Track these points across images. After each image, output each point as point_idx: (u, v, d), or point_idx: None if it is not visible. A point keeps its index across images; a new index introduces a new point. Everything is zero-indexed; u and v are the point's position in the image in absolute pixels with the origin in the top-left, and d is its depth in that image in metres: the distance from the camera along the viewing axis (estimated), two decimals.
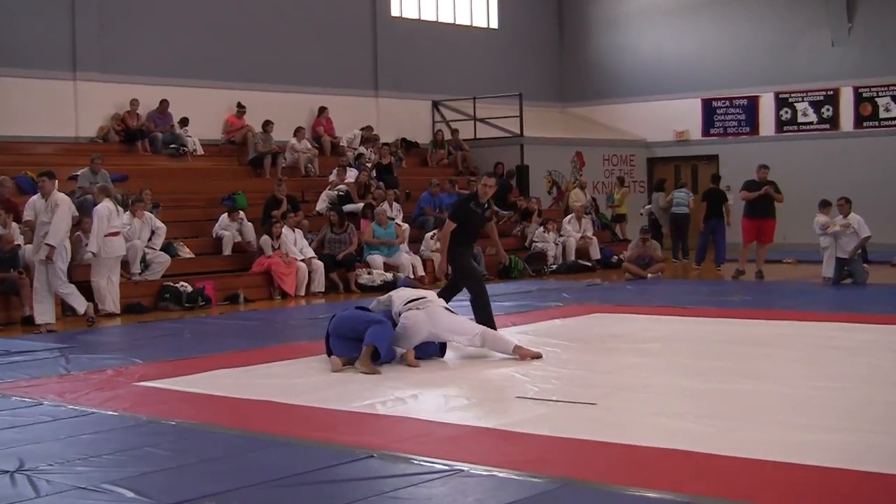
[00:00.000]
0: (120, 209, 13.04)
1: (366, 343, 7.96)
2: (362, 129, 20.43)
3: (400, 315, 8.28)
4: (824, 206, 15.00)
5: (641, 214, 21.19)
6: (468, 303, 9.37)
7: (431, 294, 8.63)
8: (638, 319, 11.02)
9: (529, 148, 21.79)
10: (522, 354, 8.31)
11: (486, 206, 9.54)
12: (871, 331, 9.57)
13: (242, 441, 5.78)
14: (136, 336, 10.77)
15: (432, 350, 8.28)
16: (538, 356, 8.27)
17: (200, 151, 18.26)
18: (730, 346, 8.87)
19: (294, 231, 15.40)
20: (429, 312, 8.30)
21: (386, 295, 8.69)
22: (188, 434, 6.01)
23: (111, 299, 12.65)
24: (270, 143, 18.48)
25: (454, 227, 9.39)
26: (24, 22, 16.83)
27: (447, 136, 22.12)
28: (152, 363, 8.71)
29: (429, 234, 17.22)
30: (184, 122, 18.20)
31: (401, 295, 8.63)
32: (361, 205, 17.48)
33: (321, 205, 17.55)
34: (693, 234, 19.80)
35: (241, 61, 19.34)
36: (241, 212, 15.84)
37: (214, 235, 15.65)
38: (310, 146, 19.41)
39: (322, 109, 20.21)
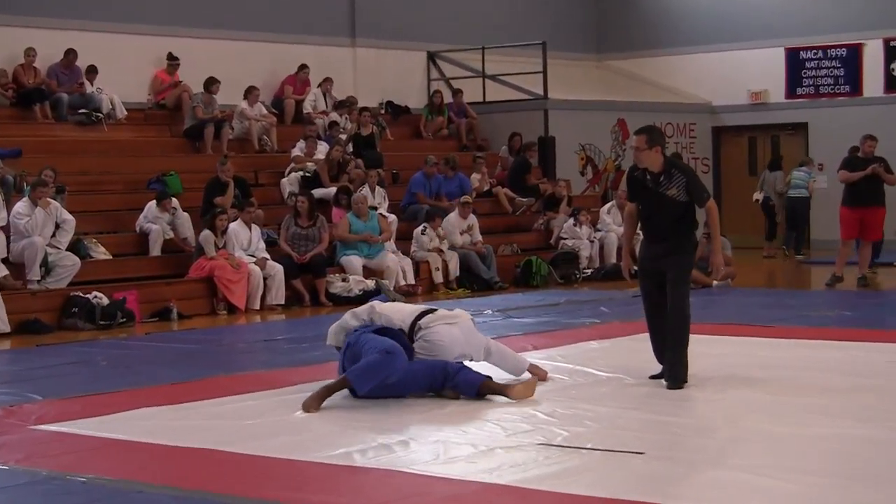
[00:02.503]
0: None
1: (347, 374, 8.00)
2: (321, 85, 20.40)
3: (419, 332, 8.36)
4: None
5: (757, 201, 21.35)
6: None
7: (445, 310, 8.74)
8: (700, 342, 10.94)
9: (556, 114, 21.81)
10: (540, 376, 8.40)
11: (659, 176, 8.64)
12: None
13: None
14: (32, 363, 10.73)
15: (426, 383, 8.26)
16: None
17: (122, 114, 18.22)
18: (823, 378, 8.85)
19: (250, 228, 15.40)
20: (464, 329, 8.48)
21: (365, 306, 8.68)
22: (103, 495, 5.96)
23: None
24: (213, 108, 18.49)
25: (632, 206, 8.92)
26: None
27: (447, 98, 22.13)
28: (55, 400, 8.67)
29: (419, 230, 17.23)
30: (91, 70, 18.02)
31: (398, 308, 8.65)
32: (334, 189, 17.48)
33: (288, 189, 17.55)
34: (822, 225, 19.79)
35: None
36: (175, 199, 15.85)
37: (139, 230, 15.66)
38: (265, 111, 19.42)
39: (302, 67, 20.17)
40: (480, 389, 8.12)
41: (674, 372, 8.60)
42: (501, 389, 8.16)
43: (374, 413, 7.79)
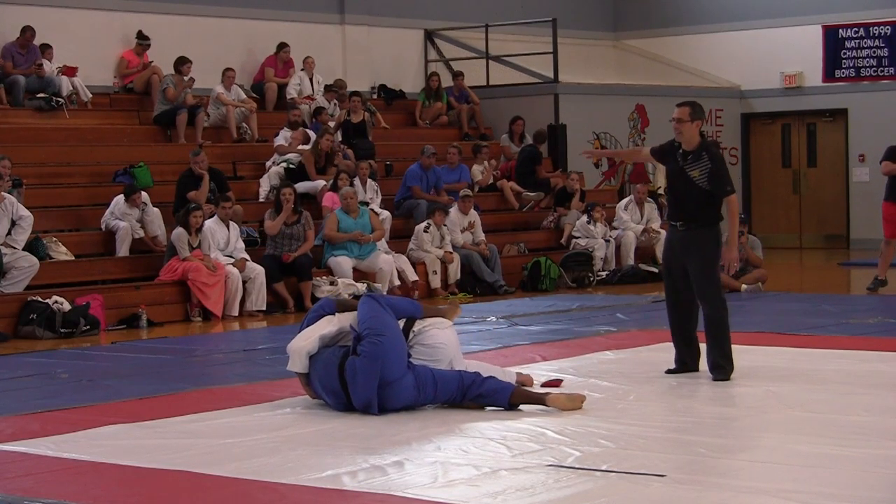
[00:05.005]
0: None
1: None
2: (304, 68, 20.39)
3: (414, 337, 8.42)
4: None
5: None
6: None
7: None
8: None
9: (567, 99, 21.82)
10: (526, 382, 8.57)
11: (688, 155, 9.33)
12: None
13: None
14: None
15: (409, 397, 8.27)
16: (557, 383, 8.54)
17: (87, 97, 18.20)
18: (865, 392, 8.84)
19: (228, 226, 15.40)
20: (454, 334, 8.61)
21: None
22: None
23: None
24: (185, 92, 18.48)
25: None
26: None
27: (447, 81, 22.14)
28: (10, 416, 8.66)
29: (421, 227, 17.25)
30: (45, 49, 18.00)
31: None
32: (322, 183, 17.49)
33: (269, 183, 17.53)
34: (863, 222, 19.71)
35: None
36: (144, 193, 15.85)
37: (104, 228, 15.68)
38: (244, 96, 19.43)
39: (282, 47, 20.18)
40: (512, 399, 8.19)
41: (717, 364, 9.36)
42: (540, 398, 8.22)
43: (366, 430, 7.79)
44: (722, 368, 9.35)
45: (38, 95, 17.72)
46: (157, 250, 15.49)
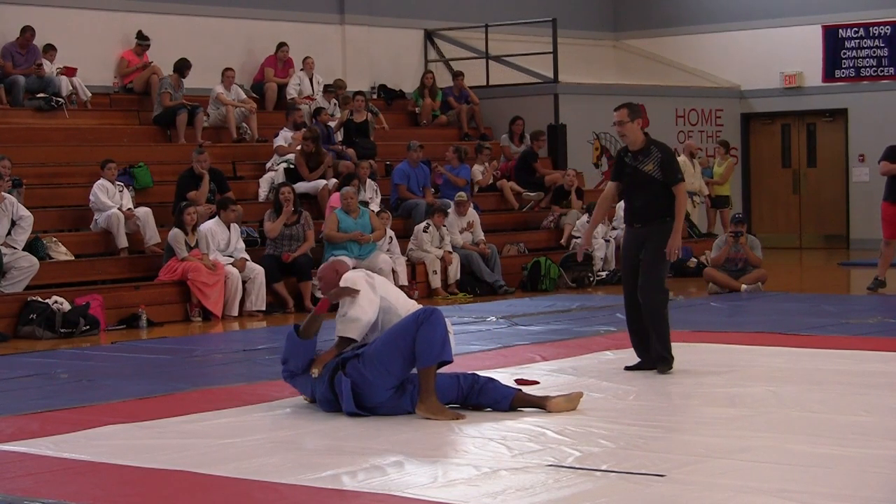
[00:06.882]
0: None
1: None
2: (303, 68, 20.37)
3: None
4: None
5: None
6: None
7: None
8: (728, 351, 11.01)
9: (567, 99, 21.82)
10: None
11: (638, 154, 9.83)
12: None
13: None
14: None
15: (404, 409, 8.28)
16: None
17: (87, 97, 18.19)
18: (865, 392, 8.85)
19: (229, 228, 15.37)
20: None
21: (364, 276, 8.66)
22: None
23: None
24: (181, 92, 18.43)
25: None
26: None
27: (447, 81, 22.12)
28: (10, 416, 8.66)
29: (421, 227, 17.25)
30: (48, 50, 18.02)
31: (399, 295, 8.69)
32: (323, 183, 17.48)
33: (268, 185, 17.52)
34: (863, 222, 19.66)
35: None
36: (113, 164, 15.77)
37: (94, 226, 15.64)
38: (244, 96, 19.42)
39: (281, 46, 20.17)
40: (514, 402, 8.20)
41: (661, 356, 9.69)
42: (539, 402, 8.23)
43: (365, 431, 7.79)
44: (665, 360, 9.68)
45: (38, 95, 17.71)
46: (156, 252, 15.46)
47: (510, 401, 8.22)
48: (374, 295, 8.37)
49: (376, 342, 8.14)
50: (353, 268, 16.09)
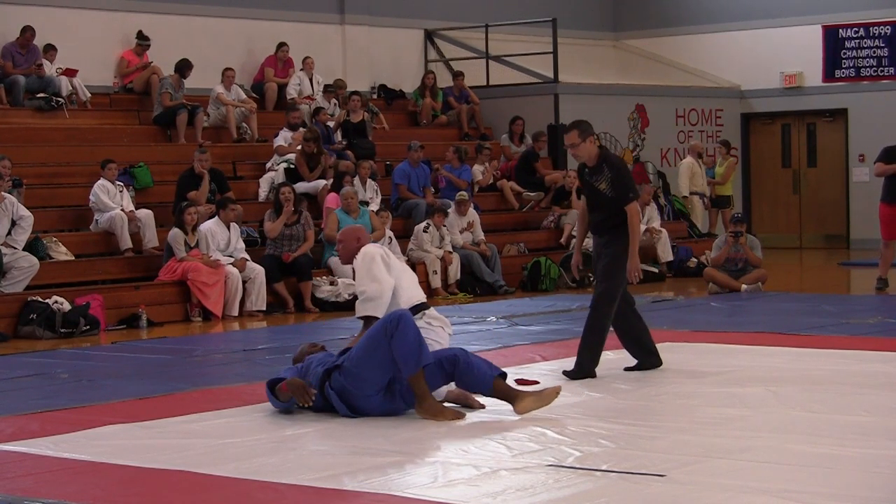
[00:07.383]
0: None
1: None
2: (303, 68, 20.37)
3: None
4: None
5: None
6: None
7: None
8: (728, 352, 11.00)
9: (567, 99, 21.81)
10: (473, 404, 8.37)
11: (593, 171, 9.73)
12: None
13: None
14: None
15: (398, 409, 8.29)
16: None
17: (87, 97, 18.19)
18: (865, 392, 8.84)
19: (229, 228, 15.37)
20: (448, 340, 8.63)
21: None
22: None
23: None
24: (182, 92, 18.43)
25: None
26: None
27: (447, 81, 22.11)
28: (9, 417, 8.66)
29: (421, 227, 17.24)
30: (48, 50, 18.03)
31: (411, 277, 8.76)
32: (323, 182, 17.47)
33: (268, 185, 17.50)
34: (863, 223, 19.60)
35: None
36: (114, 164, 15.76)
37: (108, 228, 15.62)
38: (244, 96, 19.42)
39: (281, 46, 20.17)
40: (495, 386, 8.11)
41: (581, 363, 9.56)
42: (509, 395, 8.13)
43: (365, 430, 7.79)
44: (580, 367, 9.55)
45: (38, 95, 17.71)
46: (156, 253, 15.47)
47: (489, 389, 8.13)
48: (388, 275, 8.43)
49: (352, 355, 8.11)
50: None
